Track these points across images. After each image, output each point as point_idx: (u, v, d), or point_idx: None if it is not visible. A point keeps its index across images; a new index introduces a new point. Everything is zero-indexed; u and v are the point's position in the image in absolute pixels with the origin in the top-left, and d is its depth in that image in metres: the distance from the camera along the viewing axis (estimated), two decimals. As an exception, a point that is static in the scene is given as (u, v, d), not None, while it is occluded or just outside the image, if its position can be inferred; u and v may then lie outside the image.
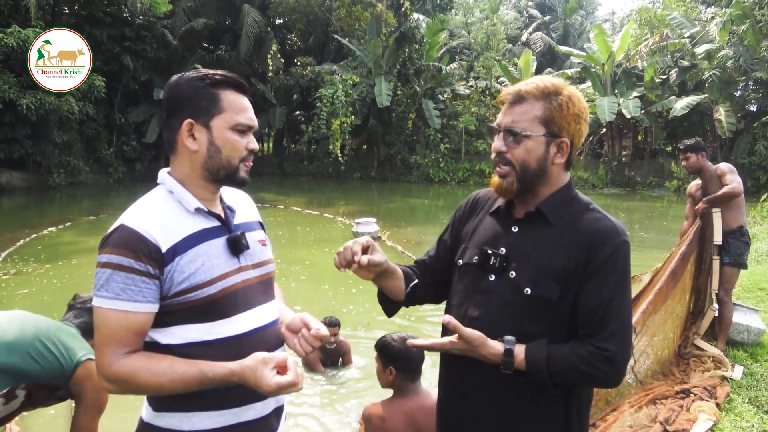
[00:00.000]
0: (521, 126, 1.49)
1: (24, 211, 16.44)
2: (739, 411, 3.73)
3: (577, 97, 1.50)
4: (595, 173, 24.72)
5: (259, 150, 31.66)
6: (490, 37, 27.60)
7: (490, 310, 1.52)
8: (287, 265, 9.09)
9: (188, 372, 1.35)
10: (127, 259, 1.33)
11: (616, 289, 1.44)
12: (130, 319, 1.35)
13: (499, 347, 1.44)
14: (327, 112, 22.92)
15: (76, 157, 20.67)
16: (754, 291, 6.61)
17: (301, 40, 30.37)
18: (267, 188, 21.57)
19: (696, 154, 4.80)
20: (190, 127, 1.45)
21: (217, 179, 1.49)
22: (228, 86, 1.46)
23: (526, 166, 1.49)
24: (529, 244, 1.52)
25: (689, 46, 22.66)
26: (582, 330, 1.45)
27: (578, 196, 1.56)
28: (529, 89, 1.49)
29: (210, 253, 1.44)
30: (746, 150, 21.05)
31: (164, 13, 21.91)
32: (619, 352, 1.41)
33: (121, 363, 1.34)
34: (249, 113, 1.49)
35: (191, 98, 1.44)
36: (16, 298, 7.22)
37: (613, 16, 43.28)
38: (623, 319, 1.45)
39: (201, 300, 1.40)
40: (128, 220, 1.39)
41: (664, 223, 15.12)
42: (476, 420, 1.57)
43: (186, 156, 1.48)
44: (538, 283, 1.46)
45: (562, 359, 1.41)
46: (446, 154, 25.35)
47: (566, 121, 1.48)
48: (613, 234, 1.46)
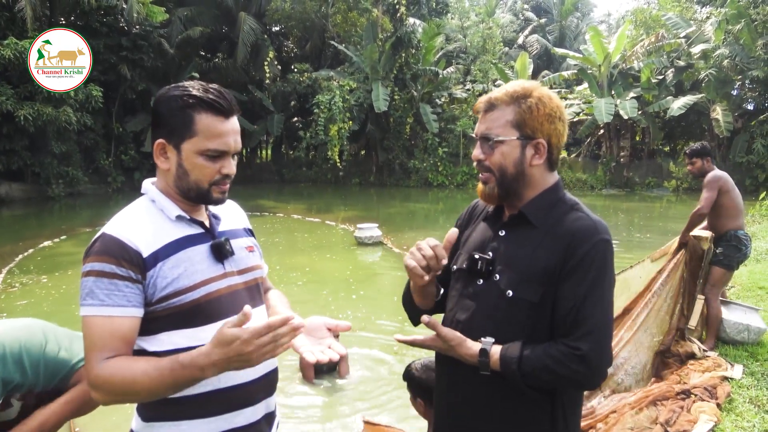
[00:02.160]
0: (494, 132, 1.52)
1: (23, 222, 16.42)
2: (740, 411, 3.72)
3: (547, 97, 1.52)
4: (594, 174, 24.74)
5: (258, 157, 31.77)
6: (486, 40, 27.64)
7: (476, 313, 1.54)
8: (286, 270, 9.09)
9: (161, 362, 1.33)
10: (108, 266, 1.34)
11: (592, 288, 1.42)
12: (116, 325, 1.34)
13: (475, 347, 1.47)
14: (325, 118, 22.93)
15: (74, 167, 20.65)
16: (754, 290, 6.60)
17: (297, 46, 30.42)
18: (266, 195, 21.59)
19: (702, 159, 4.86)
20: (162, 146, 1.46)
21: (189, 198, 1.49)
22: (205, 109, 1.41)
23: (503, 171, 1.52)
24: (514, 247, 1.53)
25: (685, 46, 22.70)
26: (558, 330, 1.45)
27: (564, 197, 1.56)
28: (498, 96, 1.53)
29: (193, 259, 1.45)
30: (744, 148, 21.08)
31: (161, 22, 21.92)
32: (591, 351, 1.38)
33: (102, 366, 1.33)
34: (225, 138, 1.44)
35: (166, 118, 1.44)
36: (17, 309, 7.21)
37: (608, 17, 43.53)
38: (599, 318, 1.42)
39: (185, 305, 1.41)
40: (109, 229, 1.41)
41: (660, 223, 15.10)
42: (465, 420, 1.59)
43: (161, 171, 1.51)
44: (520, 286, 1.47)
45: (535, 359, 1.41)
46: (444, 158, 25.35)
47: (538, 122, 1.50)
48: (592, 232, 1.45)
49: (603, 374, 1.45)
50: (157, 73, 23.16)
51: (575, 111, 23.95)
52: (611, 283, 1.48)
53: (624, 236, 12.79)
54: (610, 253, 1.47)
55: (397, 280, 9.23)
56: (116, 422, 3.93)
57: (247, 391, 1.50)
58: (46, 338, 2.19)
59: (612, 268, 1.48)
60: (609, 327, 1.47)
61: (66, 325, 2.47)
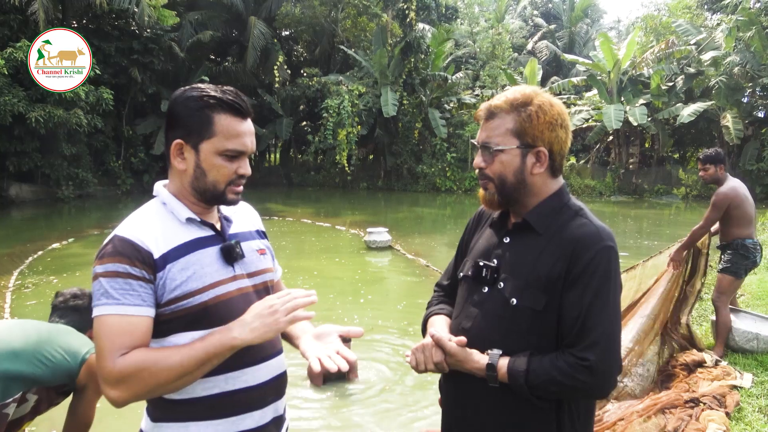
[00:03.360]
0: (495, 141, 1.51)
1: (33, 223, 16.53)
2: (749, 420, 3.69)
3: (548, 104, 1.50)
4: (602, 181, 24.65)
5: (266, 161, 31.87)
6: (495, 46, 27.67)
7: (481, 321, 1.53)
8: (294, 274, 9.10)
9: (192, 345, 1.35)
10: (122, 266, 1.34)
11: (597, 296, 1.40)
12: (133, 324, 1.33)
13: (482, 361, 1.46)
14: (333, 122, 23.00)
15: (84, 169, 20.77)
16: (764, 298, 6.55)
17: (307, 51, 30.54)
18: (274, 199, 21.63)
19: (715, 166, 4.78)
20: (180, 147, 1.46)
21: (205, 200, 1.50)
22: (224, 109, 1.43)
23: (503, 179, 1.51)
24: (518, 254, 1.52)
25: (695, 53, 22.60)
26: (564, 339, 1.43)
27: (569, 203, 1.55)
28: (498, 104, 1.52)
29: (202, 261, 1.45)
30: (754, 156, 20.94)
31: (171, 26, 22.03)
32: (599, 361, 1.37)
33: (123, 359, 1.31)
34: (243, 139, 1.46)
35: (184, 118, 1.44)
36: (25, 309, 7.26)
37: (618, 24, 43.32)
38: (606, 326, 1.40)
39: (194, 307, 1.41)
40: (121, 231, 1.41)
41: (669, 231, 15.00)
42: (470, 429, 1.58)
43: (176, 172, 1.50)
44: (524, 294, 1.46)
45: (542, 372, 1.40)
46: (453, 164, 25.35)
47: (539, 130, 1.48)
48: (596, 239, 1.44)
49: (612, 383, 1.43)
50: (167, 77, 23.32)
51: (584, 117, 23.90)
52: (617, 289, 1.46)
53: (631, 243, 12.73)
54: (615, 259, 1.45)
55: (405, 285, 9.22)
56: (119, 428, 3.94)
57: (256, 393, 1.49)
58: (50, 335, 2.26)
59: (618, 274, 1.47)
60: (617, 335, 1.44)
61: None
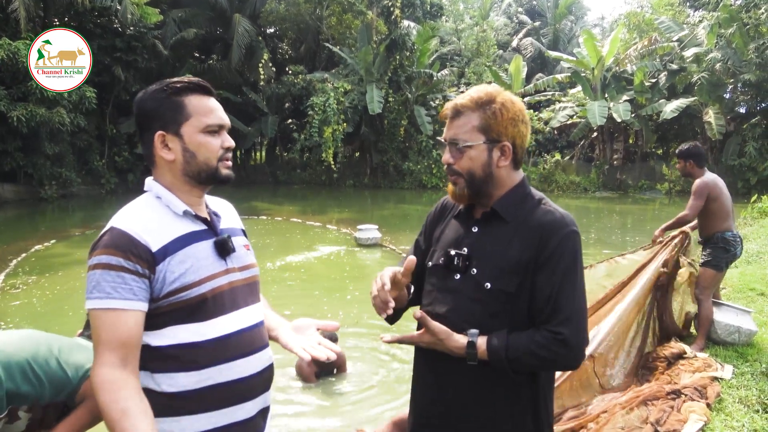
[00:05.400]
0: (462, 138, 1.60)
1: (16, 224, 16.33)
2: (729, 411, 3.75)
3: (510, 102, 1.60)
4: (587, 177, 24.84)
5: (252, 159, 31.72)
6: (480, 43, 27.78)
7: (457, 306, 1.62)
8: (281, 271, 9.09)
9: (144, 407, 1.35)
10: (116, 258, 1.36)
11: (566, 277, 1.53)
12: (122, 318, 1.36)
13: (463, 340, 1.55)
14: (319, 120, 22.94)
15: (67, 168, 20.53)
16: (745, 291, 6.64)
17: (292, 48, 30.41)
18: (260, 197, 21.56)
19: (685, 161, 4.85)
20: (162, 138, 1.50)
21: (200, 181, 1.53)
22: (191, 91, 1.50)
23: (472, 174, 1.61)
24: (488, 242, 1.62)
25: (678, 49, 22.81)
26: (537, 317, 1.55)
27: (531, 193, 1.66)
28: (464, 102, 1.61)
29: (198, 255, 1.48)
30: (736, 152, 21.19)
31: (155, 24, 21.81)
32: (572, 334, 1.50)
33: (103, 372, 1.34)
34: (217, 113, 1.53)
35: (157, 110, 1.49)
36: (9, 310, 7.19)
37: (602, 21, 43.67)
38: (575, 304, 1.53)
39: (192, 299, 1.44)
40: (118, 223, 1.42)
41: (652, 226, 15.12)
42: (447, 409, 1.65)
43: (165, 166, 1.52)
44: (497, 278, 1.56)
45: (521, 346, 1.51)
46: (439, 161, 25.28)
47: (503, 126, 1.58)
48: (561, 225, 1.56)
49: (582, 355, 1.56)
50: (151, 75, 23.06)
51: (569, 114, 24.06)
52: (582, 270, 1.59)
53: (614, 238, 12.85)
54: (578, 243, 1.58)
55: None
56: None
57: (247, 385, 1.53)
58: (50, 349, 2.12)
59: (581, 256, 1.59)
60: (584, 311, 1.58)
61: (58, 323, 2.46)
